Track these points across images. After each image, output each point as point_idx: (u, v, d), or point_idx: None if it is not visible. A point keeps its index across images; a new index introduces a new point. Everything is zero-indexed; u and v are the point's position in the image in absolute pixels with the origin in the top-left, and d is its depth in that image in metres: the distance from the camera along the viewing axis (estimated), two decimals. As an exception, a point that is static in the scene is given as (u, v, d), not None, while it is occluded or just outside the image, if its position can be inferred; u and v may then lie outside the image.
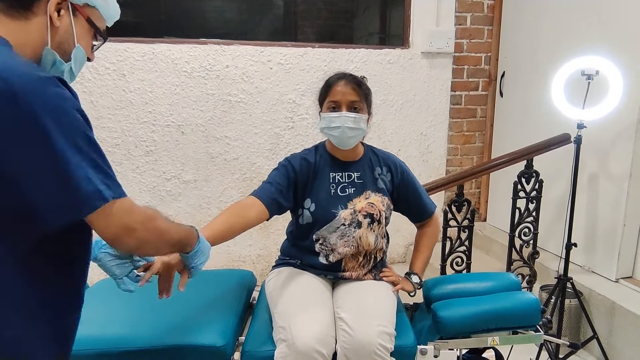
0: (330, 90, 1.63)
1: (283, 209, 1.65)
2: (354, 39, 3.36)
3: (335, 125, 1.61)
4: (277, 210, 1.63)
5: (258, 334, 1.57)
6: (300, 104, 3.12)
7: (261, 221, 1.57)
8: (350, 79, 1.63)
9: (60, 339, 0.98)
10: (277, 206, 1.62)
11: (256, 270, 3.18)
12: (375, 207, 1.67)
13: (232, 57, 2.97)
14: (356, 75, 1.67)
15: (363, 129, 1.64)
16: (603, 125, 2.35)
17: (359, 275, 1.68)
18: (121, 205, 0.88)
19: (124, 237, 0.90)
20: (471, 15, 3.40)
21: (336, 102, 1.62)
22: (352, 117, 1.59)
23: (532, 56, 3.07)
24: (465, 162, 3.58)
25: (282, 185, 1.63)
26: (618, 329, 2.25)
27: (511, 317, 1.59)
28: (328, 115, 1.62)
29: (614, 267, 2.46)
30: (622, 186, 2.41)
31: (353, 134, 1.62)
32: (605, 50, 2.33)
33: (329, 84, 1.65)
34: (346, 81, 1.63)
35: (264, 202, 1.56)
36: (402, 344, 1.51)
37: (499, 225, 3.46)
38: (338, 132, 1.61)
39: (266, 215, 1.57)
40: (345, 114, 1.59)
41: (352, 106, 1.61)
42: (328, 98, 1.64)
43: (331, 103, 1.63)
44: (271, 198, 1.59)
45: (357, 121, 1.61)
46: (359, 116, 1.61)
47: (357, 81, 1.64)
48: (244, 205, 1.55)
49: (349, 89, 1.61)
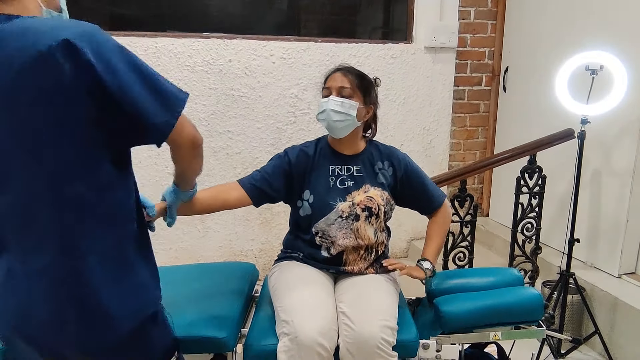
0: (327, 79, 1.67)
1: (271, 198, 1.69)
2: (357, 33, 3.34)
3: (323, 109, 1.62)
4: (262, 199, 1.68)
5: (261, 327, 1.57)
6: (302, 99, 3.12)
7: (243, 205, 1.66)
8: (347, 69, 1.66)
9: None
10: (262, 194, 1.67)
11: (258, 264, 3.18)
12: (374, 201, 1.67)
13: (234, 51, 2.97)
14: (357, 69, 1.68)
15: (351, 116, 1.61)
16: (607, 121, 2.34)
17: (361, 269, 1.68)
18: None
19: (196, 141, 1.13)
20: (475, 9, 3.38)
21: (328, 89, 1.65)
22: (338, 101, 1.60)
23: (536, 51, 3.05)
24: (468, 157, 3.57)
25: (271, 175, 1.67)
26: (620, 325, 2.25)
27: (513, 312, 1.59)
28: (320, 101, 1.65)
29: (617, 263, 2.45)
30: (625, 182, 2.40)
31: (338, 117, 1.60)
32: (609, 45, 2.31)
33: (328, 75, 1.69)
34: (343, 71, 1.65)
35: (245, 188, 1.64)
36: (405, 338, 1.51)
37: (501, 221, 3.46)
38: (324, 116, 1.63)
39: (248, 201, 1.65)
40: (332, 98, 1.61)
41: (341, 92, 1.62)
42: (324, 86, 1.68)
43: (325, 91, 1.66)
44: (254, 186, 1.65)
45: (344, 106, 1.60)
46: (347, 102, 1.60)
47: (352, 70, 1.66)
48: (225, 188, 1.65)
49: (341, 76, 1.64)
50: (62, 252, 1.01)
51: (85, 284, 1.02)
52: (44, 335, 1.06)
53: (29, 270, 1.03)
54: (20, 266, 1.04)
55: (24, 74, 0.91)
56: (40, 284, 1.03)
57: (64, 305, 1.03)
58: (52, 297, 1.03)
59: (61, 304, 1.03)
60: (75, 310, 1.04)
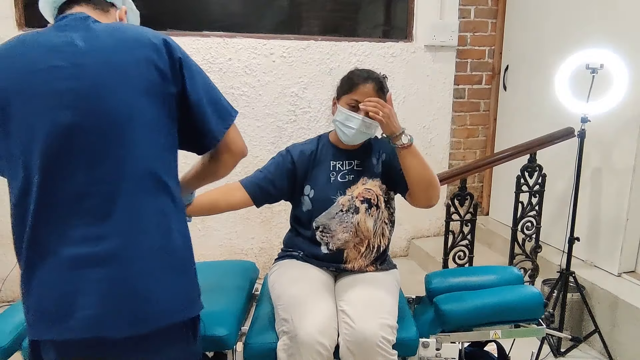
0: (356, 89, 1.61)
1: (274, 198, 1.71)
2: (358, 31, 3.34)
3: (350, 125, 1.61)
4: (265, 199, 1.70)
5: (261, 325, 1.58)
6: (302, 97, 3.12)
7: (245, 206, 1.68)
8: (377, 83, 1.62)
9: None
10: (264, 195, 1.69)
11: (258, 262, 3.18)
12: (372, 192, 1.67)
13: (234, 50, 2.97)
14: (381, 77, 1.65)
15: (374, 135, 1.67)
16: (607, 119, 2.34)
17: (361, 267, 1.68)
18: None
19: (244, 151, 1.21)
20: (475, 8, 3.38)
21: (358, 103, 1.61)
22: (368, 123, 1.60)
23: (536, 49, 3.05)
24: (468, 156, 3.58)
25: (274, 174, 1.69)
26: (620, 323, 2.25)
27: (513, 310, 1.59)
28: (347, 112, 1.61)
29: (617, 262, 2.45)
30: (625, 180, 2.40)
31: (363, 137, 1.65)
32: (609, 43, 2.31)
33: (356, 81, 1.62)
34: (375, 86, 1.61)
35: (247, 189, 1.66)
36: (404, 336, 1.51)
37: (501, 219, 3.46)
38: (350, 133, 1.62)
39: (250, 202, 1.67)
40: (364, 119, 1.59)
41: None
42: (350, 95, 1.62)
43: (353, 101, 1.61)
44: (257, 186, 1.67)
45: (371, 127, 1.62)
46: (375, 123, 1.61)
47: (381, 86, 1.63)
48: (229, 190, 1.67)
49: (373, 94, 1.60)
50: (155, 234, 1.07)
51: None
52: (88, 325, 1.03)
53: (90, 255, 1.02)
54: (75, 253, 1.02)
55: (145, 57, 1.04)
56: (105, 271, 1.02)
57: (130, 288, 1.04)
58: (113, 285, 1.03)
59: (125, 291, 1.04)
60: (133, 298, 1.04)
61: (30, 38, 1.05)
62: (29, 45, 1.04)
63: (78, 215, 1.02)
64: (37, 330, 1.05)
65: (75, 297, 1.02)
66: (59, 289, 1.02)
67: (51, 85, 1.01)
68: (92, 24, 1.06)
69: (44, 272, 1.03)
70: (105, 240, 1.02)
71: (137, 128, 1.03)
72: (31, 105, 1.01)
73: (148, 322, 1.05)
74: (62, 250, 1.02)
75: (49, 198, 1.02)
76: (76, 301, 1.02)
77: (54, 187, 1.02)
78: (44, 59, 1.02)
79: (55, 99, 1.01)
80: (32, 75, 1.02)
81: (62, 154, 1.01)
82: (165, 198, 1.09)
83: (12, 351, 1.40)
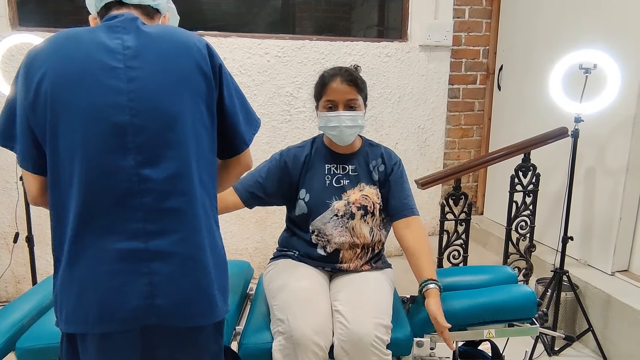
0: (326, 89, 1.62)
1: (265, 201, 1.73)
2: (352, 31, 3.34)
3: (333, 125, 1.61)
4: (255, 202, 1.73)
5: (256, 326, 1.58)
6: (297, 97, 3.12)
7: (238, 208, 1.73)
8: (346, 76, 1.61)
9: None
10: (255, 198, 1.72)
11: (253, 262, 3.17)
12: (369, 200, 1.67)
13: (229, 49, 2.96)
14: (351, 69, 1.65)
15: (361, 125, 1.65)
16: (600, 119, 2.36)
17: (357, 267, 1.68)
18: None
19: (250, 164, 1.26)
20: (469, 8, 3.39)
21: (333, 102, 1.61)
22: (349, 116, 1.60)
23: (530, 50, 3.06)
24: (462, 156, 3.59)
25: (265, 178, 1.71)
26: (613, 322, 2.26)
27: (507, 309, 1.60)
28: (325, 115, 1.62)
29: (610, 261, 2.47)
30: (618, 180, 2.41)
31: (351, 131, 1.64)
32: (603, 43, 2.32)
33: (325, 81, 1.63)
34: (342, 78, 1.61)
35: (238, 192, 1.71)
36: (399, 336, 1.52)
37: (495, 219, 3.47)
38: (336, 132, 1.62)
39: (241, 205, 1.71)
40: (342, 114, 1.59)
41: (349, 105, 1.61)
42: (324, 97, 1.63)
43: (327, 102, 1.62)
44: (247, 191, 1.71)
45: (355, 119, 1.61)
46: (356, 114, 1.61)
47: (352, 77, 1.62)
48: (223, 194, 1.66)
49: (345, 87, 1.60)
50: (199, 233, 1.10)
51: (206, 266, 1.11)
52: (133, 320, 1.06)
53: (141, 250, 1.04)
54: (123, 247, 1.04)
55: (194, 62, 1.08)
56: (158, 266, 1.05)
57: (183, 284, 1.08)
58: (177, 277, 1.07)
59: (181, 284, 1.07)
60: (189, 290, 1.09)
61: (85, 36, 1.06)
62: (85, 42, 1.05)
63: (128, 212, 1.04)
64: (76, 324, 1.07)
65: (124, 290, 1.04)
66: (107, 283, 1.04)
67: (107, 84, 1.02)
68: (142, 26, 1.09)
69: (90, 267, 1.05)
70: (159, 237, 1.05)
71: (188, 130, 1.07)
72: (84, 103, 1.02)
73: (205, 316, 1.11)
74: (111, 245, 1.04)
75: (97, 194, 1.03)
76: (126, 295, 1.04)
77: (103, 183, 1.03)
78: (99, 58, 1.03)
79: (110, 98, 1.02)
80: (87, 72, 1.02)
81: (114, 152, 1.03)
82: (207, 198, 1.13)
83: (6, 352, 1.39)
